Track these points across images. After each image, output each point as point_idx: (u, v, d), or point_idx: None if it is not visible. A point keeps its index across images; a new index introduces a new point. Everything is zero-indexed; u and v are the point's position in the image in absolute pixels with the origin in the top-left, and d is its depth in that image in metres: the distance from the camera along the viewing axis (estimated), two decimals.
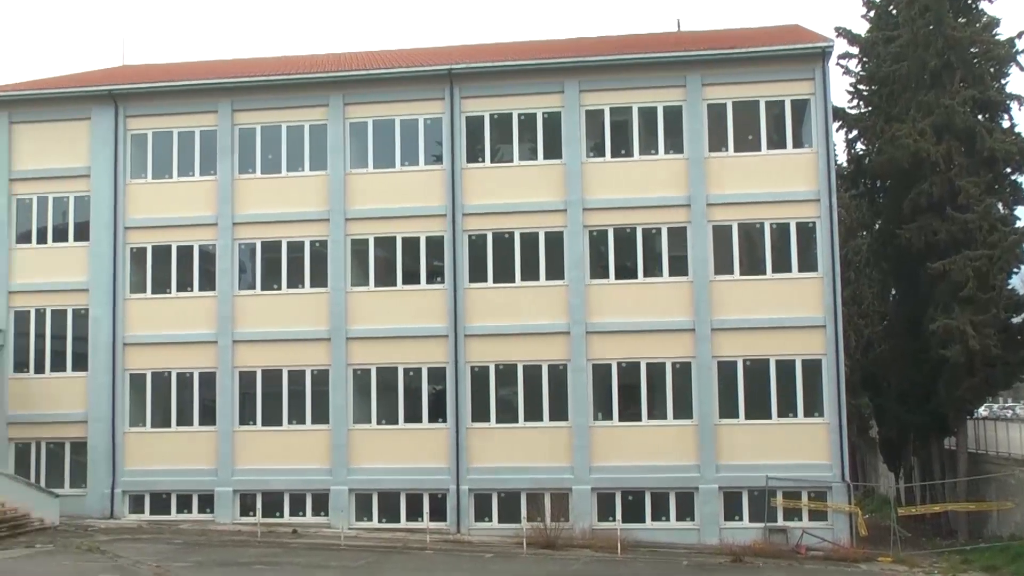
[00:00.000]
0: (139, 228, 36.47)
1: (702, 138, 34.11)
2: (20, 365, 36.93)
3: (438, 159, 35.43)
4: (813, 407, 32.99)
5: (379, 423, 34.80)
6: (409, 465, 34.09)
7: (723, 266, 33.73)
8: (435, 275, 34.98)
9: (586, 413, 33.60)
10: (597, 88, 34.77)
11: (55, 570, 26.10)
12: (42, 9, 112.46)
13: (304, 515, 34.61)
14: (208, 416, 35.60)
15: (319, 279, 35.39)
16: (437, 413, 34.50)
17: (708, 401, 33.18)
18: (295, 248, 35.71)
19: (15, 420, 36.44)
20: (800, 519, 32.54)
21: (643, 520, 33.01)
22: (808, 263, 33.55)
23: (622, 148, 34.71)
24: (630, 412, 33.82)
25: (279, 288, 35.73)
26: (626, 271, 34.33)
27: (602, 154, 34.82)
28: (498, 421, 34.22)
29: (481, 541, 32.19)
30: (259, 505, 34.08)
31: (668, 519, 33.10)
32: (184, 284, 36.31)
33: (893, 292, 44.40)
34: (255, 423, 35.35)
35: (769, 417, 33.11)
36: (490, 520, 33.77)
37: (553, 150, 34.88)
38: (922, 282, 37.27)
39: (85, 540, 30.79)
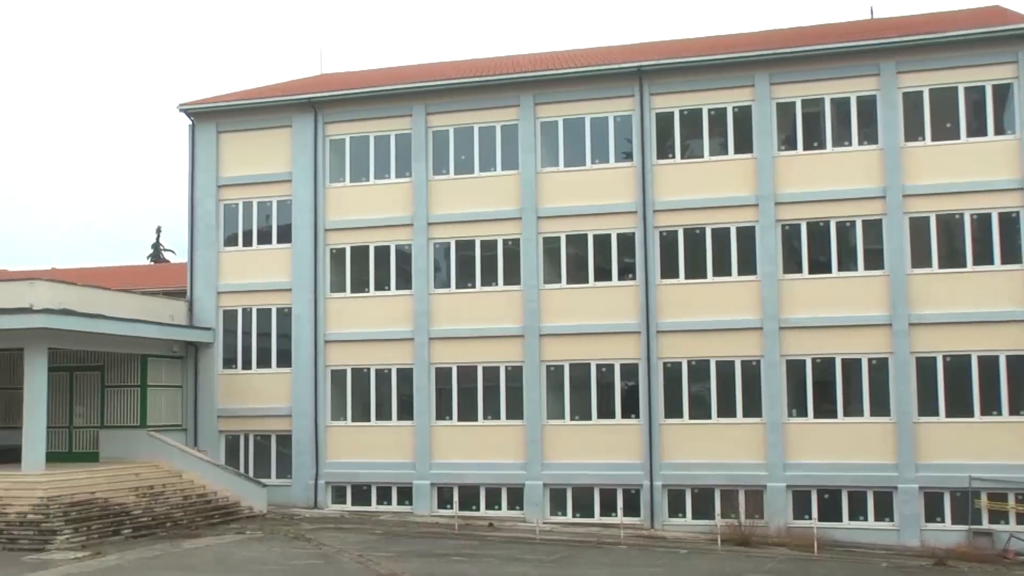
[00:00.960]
0: (338, 230, 37.76)
1: (897, 128, 33.25)
2: (228, 362, 38.78)
3: (628, 156, 35.53)
4: (1019, 404, 31.77)
5: (572, 419, 35.13)
6: (602, 460, 34.31)
7: (920, 259, 32.80)
8: (626, 272, 35.10)
9: (780, 409, 33.20)
10: (788, 80, 34.27)
11: (264, 556, 27.21)
12: (244, 23, 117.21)
13: (499, 508, 35.23)
14: (406, 411, 36.62)
15: (512, 277, 35.97)
16: (630, 409, 34.63)
17: (906, 398, 32.33)
18: (488, 247, 36.39)
19: (224, 414, 38.34)
20: (1007, 522, 31.41)
21: (840, 519, 32.42)
22: (1011, 255, 32.30)
23: (814, 140, 34.15)
24: (825, 408, 33.24)
25: (473, 286, 36.45)
26: (820, 265, 33.74)
27: (794, 147, 34.31)
28: (691, 417, 34.11)
29: (675, 537, 32.17)
30: (456, 498, 34.90)
31: (866, 519, 32.41)
32: (382, 283, 37.44)
33: None
34: (451, 418, 36.18)
35: (971, 415, 32.01)
36: (684, 516, 33.72)
37: (744, 144, 34.56)
38: None
39: (291, 528, 32.10)
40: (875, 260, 33.15)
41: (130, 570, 24.96)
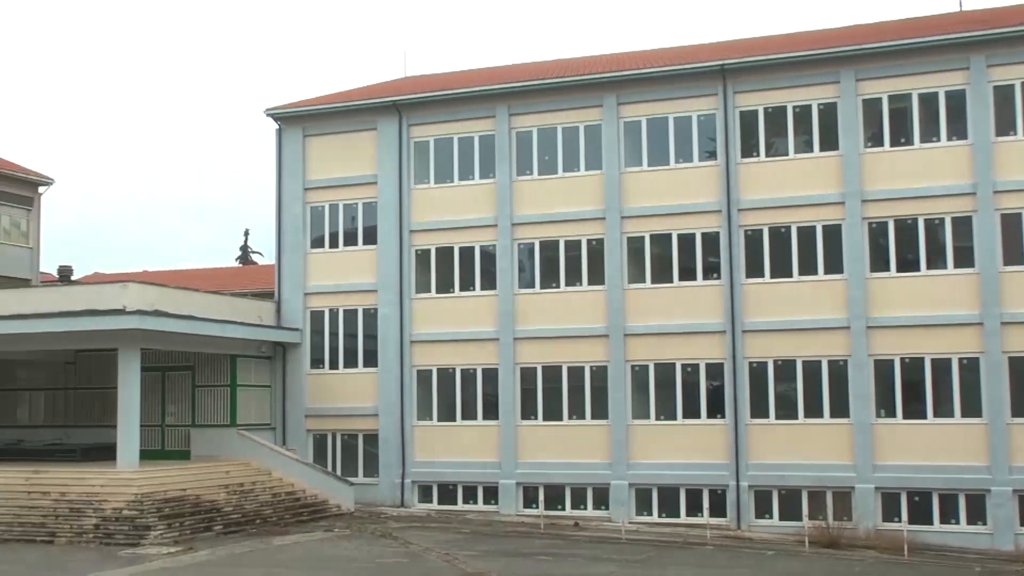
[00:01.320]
0: (423, 231, 38.07)
1: (988, 122, 32.65)
2: (316, 362, 39.30)
3: (712, 155, 35.36)
4: None
5: (657, 419, 35.01)
6: (688, 461, 34.15)
7: (1012, 256, 32.16)
8: (711, 271, 34.91)
9: (868, 410, 32.75)
10: (874, 76, 33.80)
11: (352, 553, 27.56)
12: (329, 27, 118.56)
13: (585, 508, 35.25)
14: (491, 411, 36.82)
15: (596, 277, 35.96)
16: (715, 409, 34.44)
17: (998, 399, 31.69)
18: (572, 247, 36.42)
19: (312, 413, 38.87)
20: None
21: (931, 522, 31.89)
22: None
23: (901, 136, 33.64)
24: (914, 409, 32.70)
25: (557, 286, 36.52)
26: (908, 263, 33.23)
27: (880, 143, 33.85)
28: (777, 417, 33.80)
29: (761, 538, 31.94)
30: (541, 498, 34.94)
31: (957, 522, 31.83)
32: (466, 284, 37.68)
33: None
34: (536, 418, 36.27)
35: None
36: (771, 517, 33.44)
37: (829, 142, 34.16)
38: None
39: (378, 526, 32.47)
40: (965, 257, 32.59)
41: (221, 566, 25.48)
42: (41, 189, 50.77)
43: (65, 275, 46.60)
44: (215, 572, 24.68)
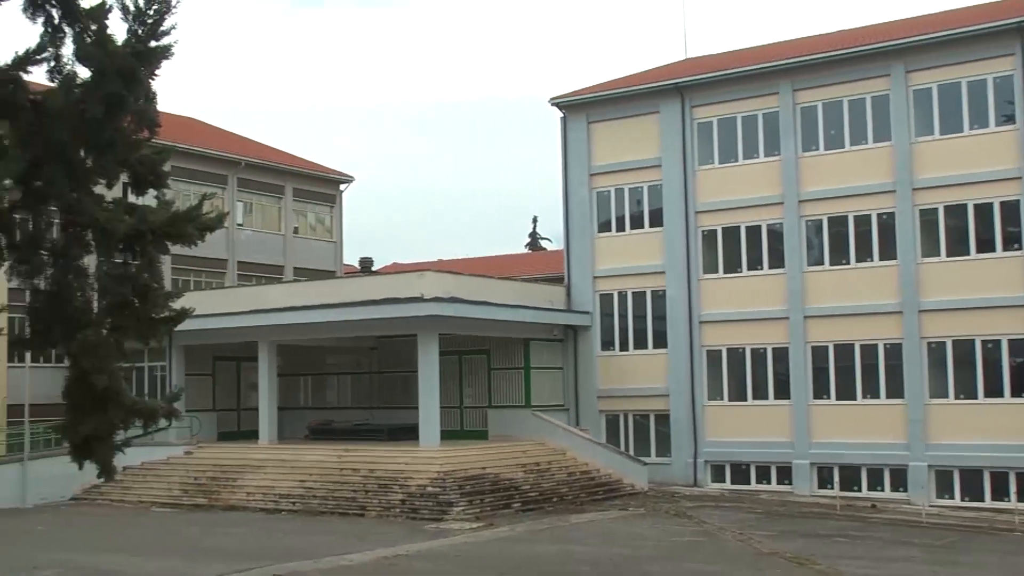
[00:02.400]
0: (708, 212, 38.05)
1: None
2: (606, 344, 40.03)
3: (1009, 119, 33.60)
4: None
5: (957, 397, 33.71)
6: (992, 441, 32.51)
7: None
8: (1012, 242, 33.20)
9: None
10: None
11: (647, 531, 27.99)
12: (608, 14, 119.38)
13: (882, 490, 34.38)
14: (782, 390, 36.45)
15: (887, 252, 34.93)
16: (1020, 387, 32.83)
17: None
18: (862, 222, 35.50)
19: (604, 394, 39.62)
20: None
21: None
22: None
23: None
24: None
25: (847, 263, 35.72)
26: None
27: None
28: None
29: None
30: (836, 478, 34.29)
31: None
32: (753, 263, 37.43)
33: None
34: (829, 397, 35.65)
35: None
36: None
37: None
38: None
39: (672, 506, 32.80)
40: None
41: (521, 541, 26.49)
42: (342, 187, 53.93)
43: (366, 266, 49.22)
44: (515, 547, 25.67)
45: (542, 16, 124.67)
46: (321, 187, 53.01)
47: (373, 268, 49.81)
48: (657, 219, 39.16)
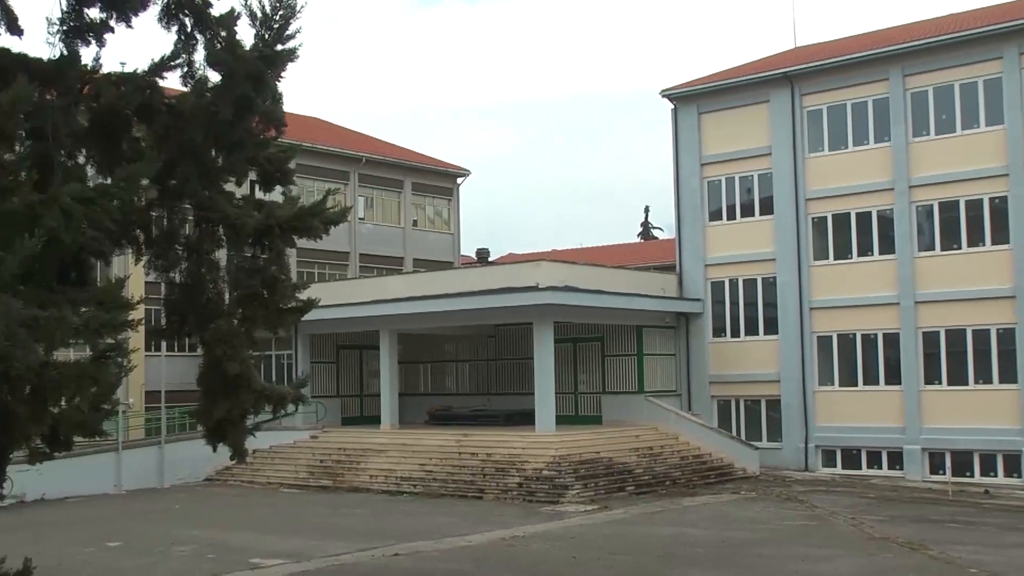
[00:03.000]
0: (819, 199, 38.27)
1: None
2: (717, 330, 40.55)
3: None
4: None
5: None
6: None
7: None
8: None
9: None
10: None
11: (758, 515, 28.35)
12: (717, 7, 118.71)
13: (995, 476, 34.28)
14: (893, 376, 36.57)
15: (1000, 236, 34.81)
16: None
17: None
18: (973, 207, 35.38)
19: (715, 380, 40.19)
20: None
21: None
22: None
23: None
24: None
25: (958, 248, 35.67)
26: None
27: None
28: None
29: None
30: (948, 464, 34.24)
31: None
32: (864, 249, 37.54)
33: None
34: (940, 383, 35.70)
35: None
36: None
37: None
38: None
39: (783, 490, 33.18)
40: None
41: (635, 523, 27.19)
42: (459, 180, 55.22)
43: (483, 257, 50.33)
44: (630, 529, 26.35)
45: (653, 10, 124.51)
46: (439, 181, 54.38)
47: (489, 259, 50.85)
48: (767, 207, 39.52)
